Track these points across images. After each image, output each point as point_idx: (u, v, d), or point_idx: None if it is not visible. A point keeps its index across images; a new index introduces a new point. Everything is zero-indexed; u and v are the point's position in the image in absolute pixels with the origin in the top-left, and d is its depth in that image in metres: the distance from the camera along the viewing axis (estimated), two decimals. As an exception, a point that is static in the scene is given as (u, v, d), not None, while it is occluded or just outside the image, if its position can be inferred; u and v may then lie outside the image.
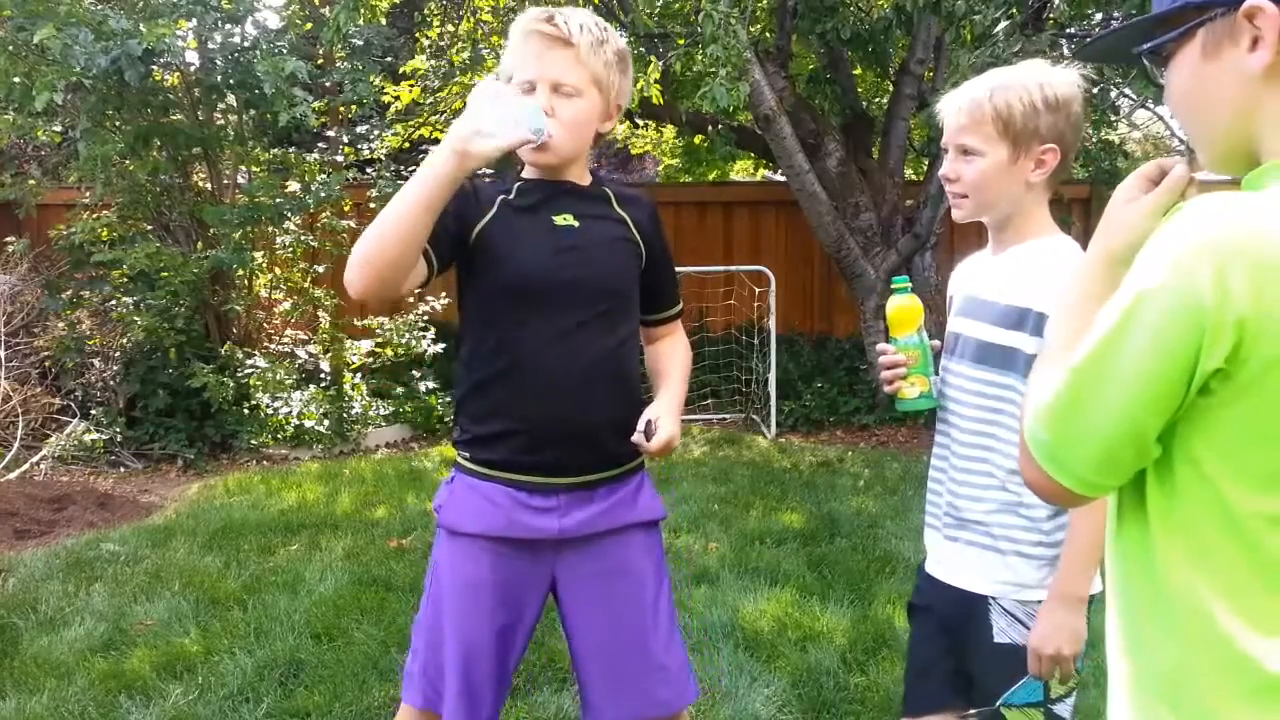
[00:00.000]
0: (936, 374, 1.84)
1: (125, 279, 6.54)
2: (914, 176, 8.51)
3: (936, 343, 1.87)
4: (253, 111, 6.75)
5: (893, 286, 1.85)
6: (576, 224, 1.85)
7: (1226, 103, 1.00)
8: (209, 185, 6.90)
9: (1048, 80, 1.69)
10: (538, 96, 1.75)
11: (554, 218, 1.84)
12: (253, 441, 6.39)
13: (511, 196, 1.86)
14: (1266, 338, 0.88)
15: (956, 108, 1.73)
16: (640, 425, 1.83)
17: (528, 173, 1.91)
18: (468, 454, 1.91)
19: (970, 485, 1.76)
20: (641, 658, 1.92)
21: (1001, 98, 1.68)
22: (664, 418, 1.84)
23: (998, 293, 1.74)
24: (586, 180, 1.91)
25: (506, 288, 1.84)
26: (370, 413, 6.95)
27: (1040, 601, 1.69)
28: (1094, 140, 7.32)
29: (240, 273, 6.70)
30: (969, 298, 1.82)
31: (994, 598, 1.74)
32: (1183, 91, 1.04)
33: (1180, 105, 1.06)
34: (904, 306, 1.82)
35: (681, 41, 7.05)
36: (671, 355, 2.05)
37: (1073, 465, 1.00)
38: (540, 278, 1.82)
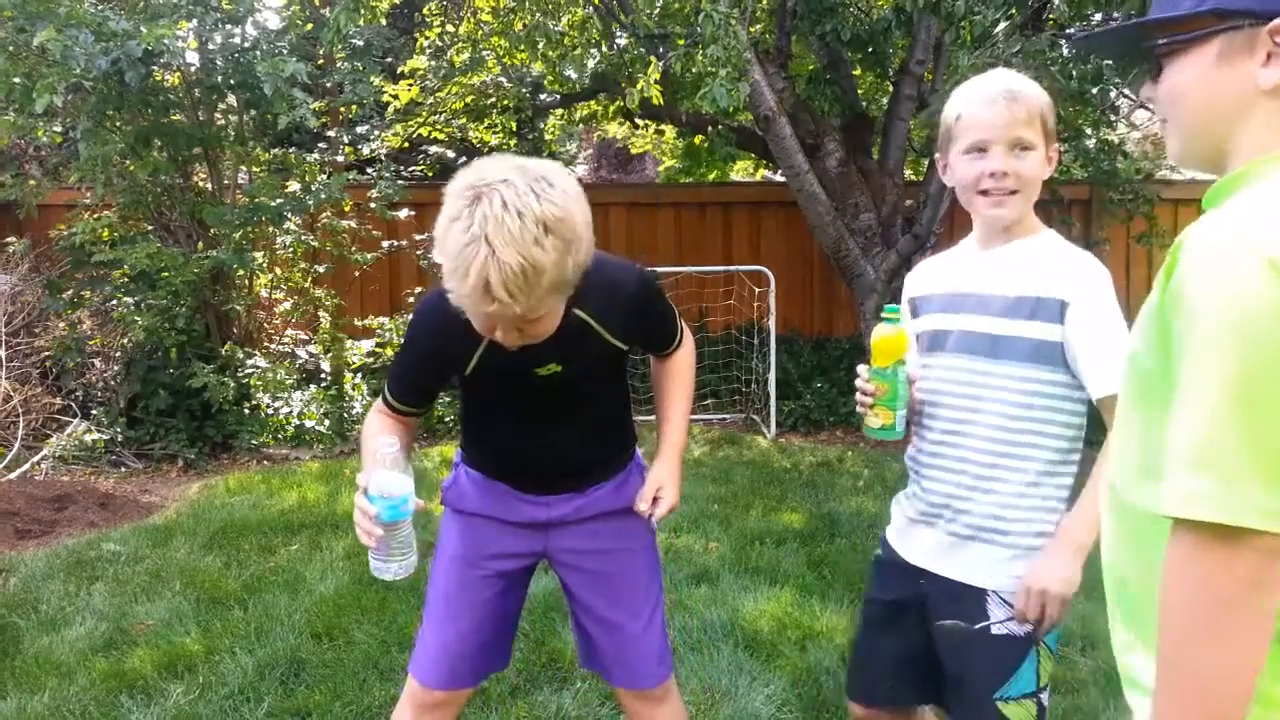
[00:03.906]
0: (905, 407, 1.85)
1: (126, 279, 6.55)
2: (914, 177, 8.51)
3: (915, 371, 1.88)
4: (253, 112, 6.75)
5: (883, 315, 1.85)
6: (560, 368, 1.86)
7: (1224, 107, 1.06)
8: (209, 185, 6.90)
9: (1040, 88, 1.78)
10: (502, 332, 1.69)
11: (537, 370, 1.85)
12: (253, 441, 6.40)
13: (487, 345, 1.80)
14: None
15: (1007, 100, 1.72)
16: (645, 497, 1.94)
17: None
18: (467, 462, 2.09)
19: (981, 479, 1.78)
20: (615, 633, 2.03)
21: (1042, 96, 1.75)
22: (669, 486, 1.96)
23: (1004, 286, 1.77)
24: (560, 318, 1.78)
25: (486, 399, 1.98)
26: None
27: None
28: (1094, 140, 7.33)
29: (240, 273, 6.71)
30: (957, 295, 1.84)
31: (995, 590, 1.76)
32: (1183, 89, 1.09)
33: (1176, 101, 1.11)
34: (887, 337, 1.82)
35: (681, 42, 7.05)
36: (671, 375, 2.09)
37: (1264, 497, 0.89)
38: (522, 408, 1.94)
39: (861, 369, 1.87)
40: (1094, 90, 6.27)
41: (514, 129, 9.17)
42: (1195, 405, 0.91)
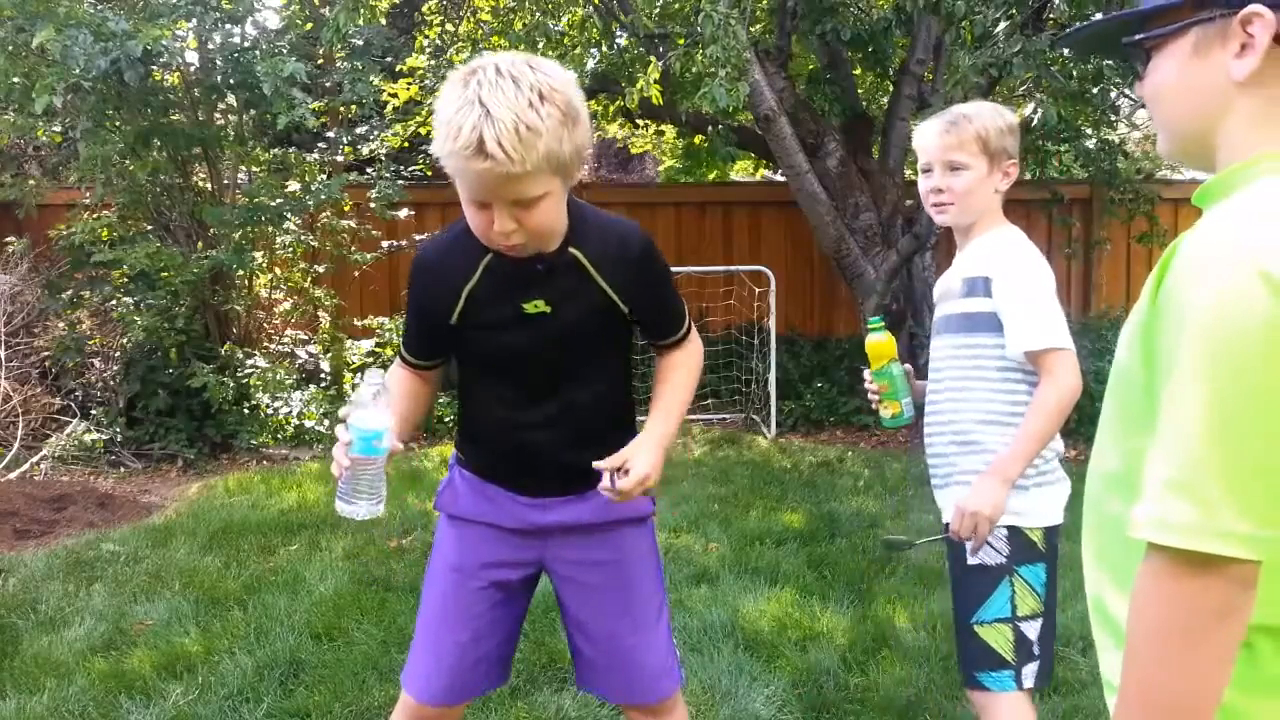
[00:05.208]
0: (908, 395, 2.21)
1: (125, 279, 6.55)
2: (914, 176, 8.49)
3: (908, 367, 2.24)
4: (252, 112, 6.75)
5: (868, 326, 2.21)
6: (549, 309, 1.77)
7: (1203, 100, 1.04)
8: (209, 185, 6.90)
9: (1003, 111, 2.08)
10: (498, 218, 1.61)
11: (524, 305, 1.77)
12: (253, 441, 6.39)
13: (477, 280, 1.78)
14: None
15: (942, 130, 2.05)
16: (610, 463, 1.76)
17: None
18: (462, 459, 2.03)
19: (946, 430, 2.08)
20: (616, 650, 1.96)
21: (980, 121, 2.03)
22: (640, 456, 1.76)
23: (957, 274, 2.08)
24: (557, 244, 1.74)
25: (478, 365, 1.91)
26: (370, 413, 6.95)
27: (1003, 526, 1.97)
28: (1095, 140, 7.33)
29: (240, 273, 6.70)
30: (939, 289, 2.16)
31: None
32: (1165, 83, 1.08)
33: (1158, 96, 1.09)
34: (875, 342, 2.19)
35: (681, 42, 7.05)
36: (672, 368, 2.01)
37: (1240, 524, 0.86)
38: (511, 361, 1.85)
39: (866, 373, 2.21)
40: (1094, 90, 6.27)
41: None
42: (1177, 426, 0.89)
